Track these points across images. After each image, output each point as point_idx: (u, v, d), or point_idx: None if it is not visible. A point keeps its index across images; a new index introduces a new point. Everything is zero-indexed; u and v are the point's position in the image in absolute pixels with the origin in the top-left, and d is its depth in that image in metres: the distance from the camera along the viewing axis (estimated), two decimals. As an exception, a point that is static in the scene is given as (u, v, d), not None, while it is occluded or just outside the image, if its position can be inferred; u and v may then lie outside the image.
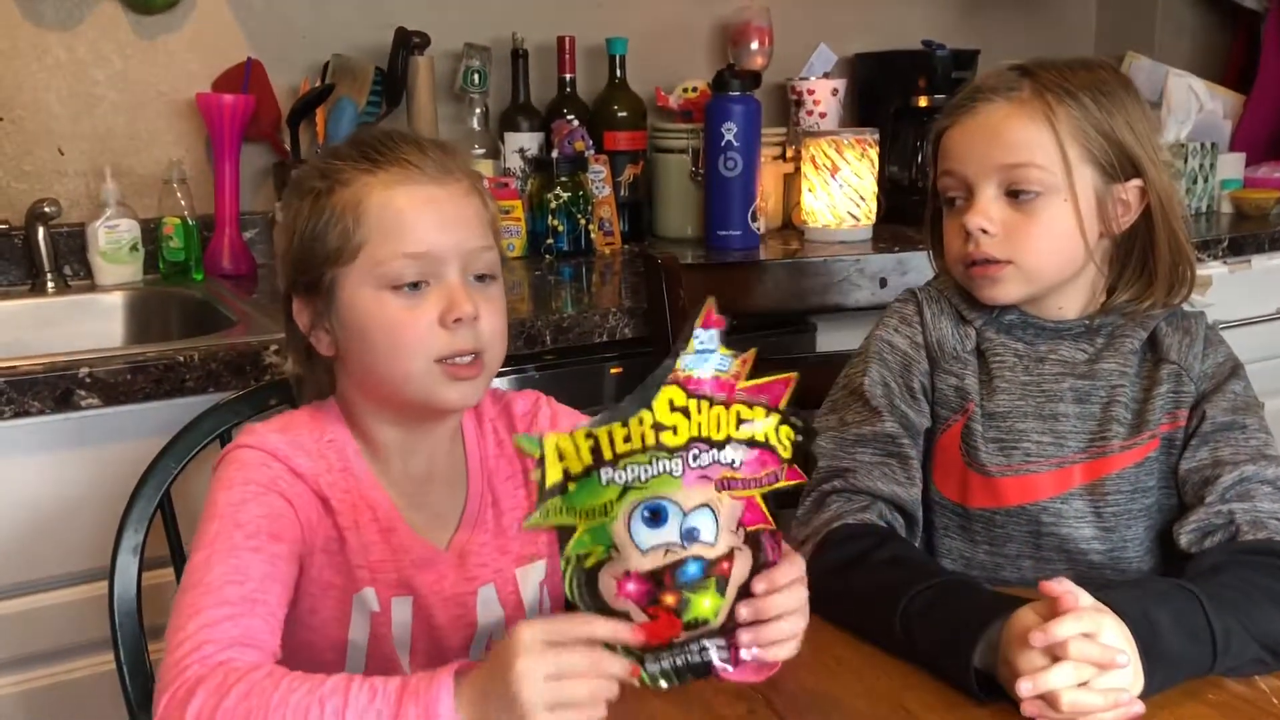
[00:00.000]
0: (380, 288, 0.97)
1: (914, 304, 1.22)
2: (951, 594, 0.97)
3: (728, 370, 0.81)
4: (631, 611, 0.80)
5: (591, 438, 0.78)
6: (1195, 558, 1.05)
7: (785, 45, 2.41)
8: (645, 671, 0.81)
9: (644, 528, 0.79)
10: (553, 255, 2.05)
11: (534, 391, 1.16)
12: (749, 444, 0.81)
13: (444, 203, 0.98)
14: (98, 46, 1.93)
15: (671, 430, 0.79)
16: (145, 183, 1.95)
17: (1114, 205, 1.12)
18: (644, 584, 0.80)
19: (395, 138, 1.01)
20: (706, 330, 0.81)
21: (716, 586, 0.81)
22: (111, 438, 1.38)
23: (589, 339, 1.61)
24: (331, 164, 1.00)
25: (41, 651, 1.39)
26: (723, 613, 0.82)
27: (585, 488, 0.78)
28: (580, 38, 2.21)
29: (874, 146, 2.18)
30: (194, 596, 0.88)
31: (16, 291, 1.83)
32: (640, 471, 0.79)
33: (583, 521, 0.79)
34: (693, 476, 0.80)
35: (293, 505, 0.97)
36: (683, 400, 0.80)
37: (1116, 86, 1.13)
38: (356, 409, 1.04)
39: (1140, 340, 1.15)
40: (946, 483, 1.18)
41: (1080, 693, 0.84)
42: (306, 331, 1.02)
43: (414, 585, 1.03)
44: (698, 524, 0.80)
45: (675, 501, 0.79)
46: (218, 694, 0.79)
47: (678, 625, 0.81)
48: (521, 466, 1.10)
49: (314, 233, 0.98)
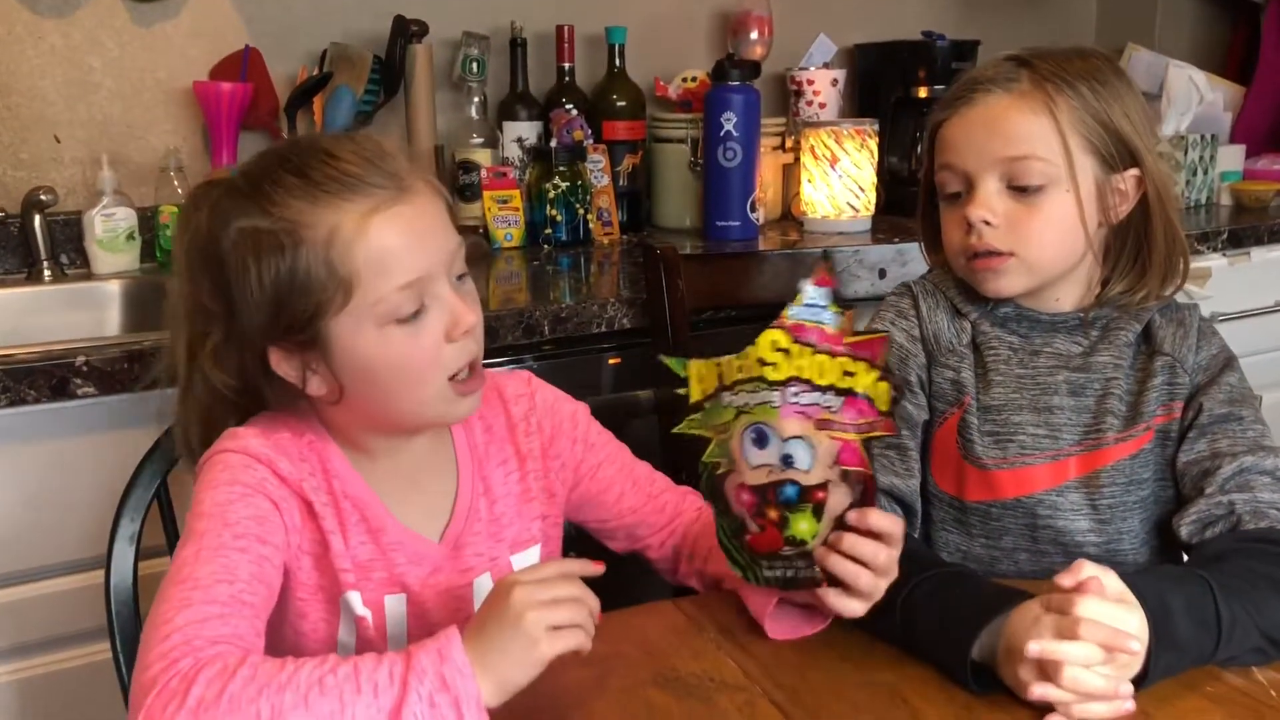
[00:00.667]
0: (382, 325, 0.93)
1: (910, 297, 1.22)
2: (952, 585, 0.97)
3: (835, 326, 0.93)
4: (745, 519, 0.96)
5: (718, 365, 0.95)
6: (1198, 547, 1.05)
7: (785, 35, 2.41)
8: (762, 575, 0.96)
9: (752, 447, 0.94)
10: (551, 245, 2.05)
11: (523, 372, 1.16)
12: (849, 393, 0.92)
13: (416, 219, 0.94)
14: (94, 33, 1.92)
15: (773, 366, 0.92)
16: (142, 171, 1.95)
17: (1112, 194, 1.12)
18: (753, 496, 0.95)
19: (333, 156, 0.93)
20: (818, 288, 0.93)
21: (813, 512, 0.93)
22: (108, 426, 1.38)
23: (587, 329, 1.61)
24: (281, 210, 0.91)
25: (38, 640, 1.39)
26: (820, 537, 0.94)
27: (715, 407, 0.96)
28: (579, 27, 2.20)
29: (873, 137, 2.17)
30: (182, 591, 0.86)
31: (13, 280, 1.83)
32: (748, 398, 0.94)
33: (714, 435, 0.96)
34: (790, 410, 0.93)
35: (278, 508, 0.96)
36: (785, 342, 0.92)
37: (1112, 75, 1.12)
38: (340, 424, 1.01)
39: (1135, 333, 1.15)
40: (943, 476, 1.18)
41: (1084, 671, 0.84)
42: (296, 380, 0.96)
43: (406, 583, 1.02)
44: (793, 452, 0.93)
45: (774, 428, 0.93)
46: (221, 678, 0.79)
47: (780, 540, 0.94)
48: (515, 451, 1.09)
49: (292, 287, 0.91)
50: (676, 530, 1.16)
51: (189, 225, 0.96)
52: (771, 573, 0.96)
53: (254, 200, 0.93)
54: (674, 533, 1.16)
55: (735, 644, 0.98)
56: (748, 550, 0.96)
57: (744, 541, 0.96)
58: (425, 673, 0.80)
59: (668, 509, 1.17)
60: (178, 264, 0.98)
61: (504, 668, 0.82)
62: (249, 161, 0.98)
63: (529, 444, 1.10)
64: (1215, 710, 0.88)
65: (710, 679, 0.93)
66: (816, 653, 0.97)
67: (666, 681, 0.92)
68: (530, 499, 1.10)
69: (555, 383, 1.16)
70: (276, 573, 0.94)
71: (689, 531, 1.15)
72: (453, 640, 0.82)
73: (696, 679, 0.93)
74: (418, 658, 0.81)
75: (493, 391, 1.11)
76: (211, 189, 0.97)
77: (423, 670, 0.80)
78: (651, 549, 1.17)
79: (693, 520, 1.16)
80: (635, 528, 1.17)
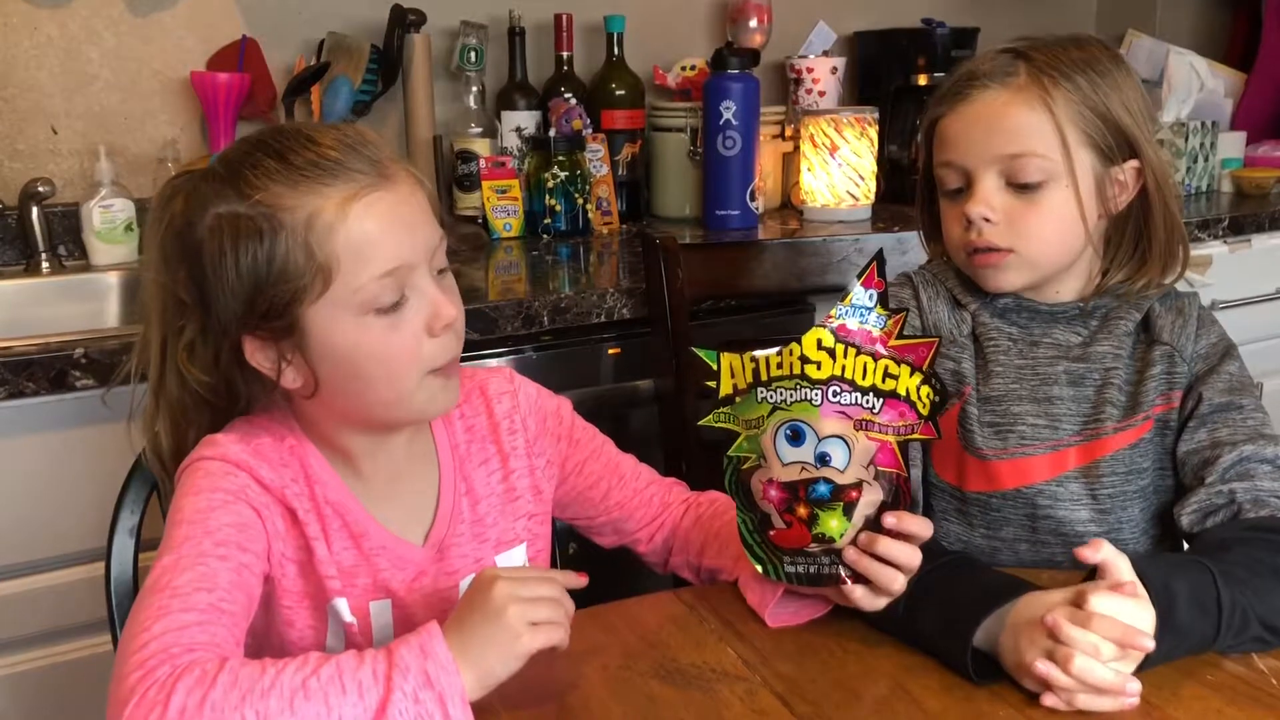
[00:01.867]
0: (362, 314, 0.91)
1: (910, 288, 1.21)
2: (956, 573, 0.97)
3: (881, 328, 0.93)
4: (771, 515, 0.95)
5: (754, 360, 0.94)
6: (1200, 536, 1.05)
7: (784, 23, 2.40)
8: (784, 570, 0.96)
9: (786, 444, 0.94)
10: (550, 235, 2.04)
11: (507, 369, 1.14)
12: (891, 395, 0.92)
13: (398, 206, 0.92)
14: (91, 24, 1.91)
15: (815, 365, 0.92)
16: (140, 162, 1.94)
17: (1111, 186, 1.12)
18: (782, 492, 0.94)
19: (313, 141, 0.92)
20: (866, 290, 0.93)
21: (844, 511, 0.93)
22: (107, 418, 1.37)
23: (587, 319, 1.61)
24: (263, 196, 0.89)
25: (38, 633, 1.39)
26: (848, 535, 0.94)
27: (747, 401, 0.95)
28: (578, 16, 2.19)
29: (873, 125, 2.17)
30: (161, 599, 0.84)
31: (10, 272, 1.83)
32: (786, 395, 0.93)
33: (743, 429, 0.96)
34: (830, 409, 0.92)
35: (260, 515, 0.94)
36: (830, 342, 0.92)
37: (1110, 65, 1.12)
38: (317, 421, 0.99)
39: (1134, 322, 1.15)
40: (944, 466, 1.18)
41: (1093, 663, 0.84)
42: (271, 372, 0.94)
43: (392, 588, 1.01)
44: (830, 450, 0.93)
45: (812, 426, 0.93)
46: (202, 685, 0.77)
47: (807, 537, 0.94)
48: (498, 450, 1.08)
49: (270, 273, 0.89)
50: (665, 524, 1.15)
51: (164, 217, 0.94)
52: (794, 568, 0.96)
53: (232, 185, 0.91)
54: (662, 526, 1.15)
55: (736, 634, 0.98)
56: (770, 545, 0.96)
57: (766, 536, 0.96)
58: (409, 669, 0.80)
59: (654, 502, 1.16)
60: (150, 258, 0.95)
61: (486, 661, 0.82)
62: (227, 148, 0.96)
63: (513, 442, 1.09)
64: (1215, 697, 0.87)
65: (711, 669, 0.93)
66: (817, 642, 0.97)
67: (667, 672, 0.92)
68: (515, 498, 1.08)
69: (555, 373, 1.16)
70: (257, 581, 0.93)
71: (678, 525, 1.15)
72: (434, 635, 0.82)
73: (697, 669, 0.93)
74: (400, 654, 0.81)
75: (475, 390, 1.09)
76: (187, 178, 0.95)
77: (406, 667, 0.80)
78: (640, 543, 1.16)
79: (681, 513, 1.15)
80: (622, 522, 1.16)
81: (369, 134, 0.96)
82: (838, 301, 0.93)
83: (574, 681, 0.91)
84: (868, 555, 0.93)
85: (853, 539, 0.94)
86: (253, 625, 0.93)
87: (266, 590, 0.96)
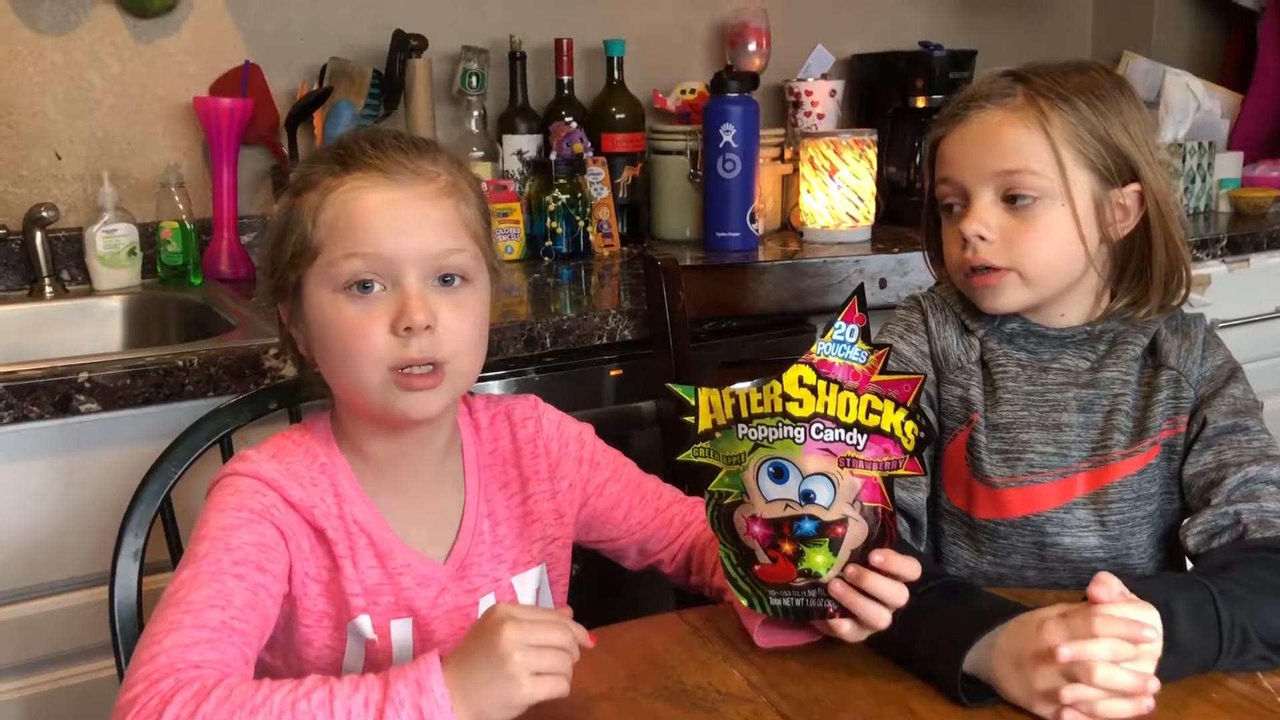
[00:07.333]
0: (335, 290, 0.96)
1: (919, 312, 1.22)
2: (948, 597, 0.97)
3: (863, 363, 0.92)
4: (756, 550, 0.94)
5: (734, 396, 0.93)
6: (1204, 556, 1.05)
7: (783, 46, 2.41)
8: (769, 604, 0.96)
9: (769, 481, 0.93)
10: (551, 257, 2.05)
11: (532, 396, 1.16)
12: (875, 431, 0.91)
13: (403, 205, 0.96)
14: (94, 50, 1.92)
15: (798, 403, 0.91)
16: (143, 187, 1.95)
17: (1113, 210, 1.12)
18: (767, 529, 0.93)
19: (372, 139, 1.00)
20: (847, 325, 0.92)
21: (830, 546, 0.93)
22: (111, 443, 1.38)
23: (588, 341, 1.61)
24: (308, 167, 1.01)
25: (42, 657, 1.39)
26: (834, 570, 0.93)
27: (727, 438, 0.94)
28: (578, 40, 2.21)
29: (872, 147, 2.18)
30: (174, 614, 0.87)
31: (14, 296, 1.83)
32: (768, 432, 0.92)
33: (724, 465, 0.94)
34: (814, 447, 0.92)
35: (284, 535, 0.96)
36: (812, 379, 0.91)
37: (1111, 89, 1.12)
38: (346, 420, 1.03)
39: (1142, 346, 1.15)
40: (954, 492, 1.18)
41: (1114, 669, 0.84)
42: (293, 336, 1.03)
43: (414, 606, 1.02)
44: (814, 488, 0.92)
45: (795, 464, 0.92)
46: (196, 700, 0.79)
47: (793, 572, 0.93)
48: (518, 474, 1.10)
49: (280, 235, 0.99)
50: (686, 542, 1.16)
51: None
52: (780, 601, 0.95)
53: (305, 164, 1.03)
54: (684, 545, 1.16)
55: (740, 655, 0.98)
56: (755, 579, 0.96)
57: (751, 571, 0.96)
58: (403, 704, 0.79)
59: (676, 521, 1.16)
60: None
61: (483, 704, 0.81)
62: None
63: (534, 466, 1.11)
64: (1221, 716, 0.88)
65: (716, 690, 0.93)
66: (821, 663, 0.97)
67: (673, 693, 0.92)
68: (531, 521, 1.10)
69: (558, 395, 1.17)
70: (274, 601, 0.94)
71: (697, 543, 1.15)
72: (432, 670, 0.81)
73: (702, 690, 0.93)
74: (396, 688, 0.80)
75: (500, 414, 1.12)
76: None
77: (400, 701, 0.80)
78: (664, 563, 1.17)
79: (699, 532, 1.15)
80: (646, 543, 1.17)
81: (441, 151, 1.02)
82: (818, 338, 0.92)
83: (579, 703, 0.90)
84: (854, 590, 0.92)
85: (839, 573, 0.93)
86: (272, 641, 0.94)
87: (287, 609, 0.98)
